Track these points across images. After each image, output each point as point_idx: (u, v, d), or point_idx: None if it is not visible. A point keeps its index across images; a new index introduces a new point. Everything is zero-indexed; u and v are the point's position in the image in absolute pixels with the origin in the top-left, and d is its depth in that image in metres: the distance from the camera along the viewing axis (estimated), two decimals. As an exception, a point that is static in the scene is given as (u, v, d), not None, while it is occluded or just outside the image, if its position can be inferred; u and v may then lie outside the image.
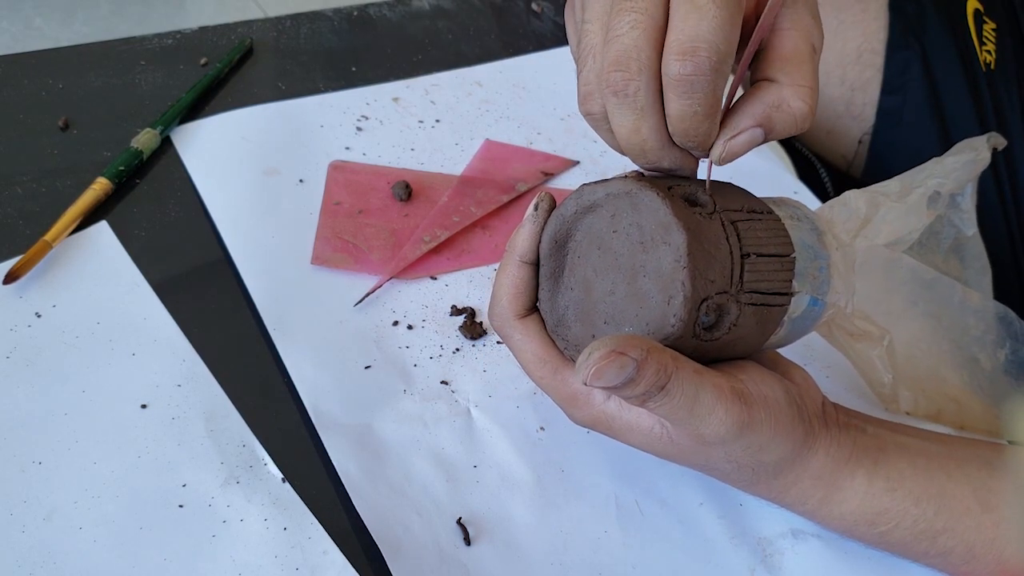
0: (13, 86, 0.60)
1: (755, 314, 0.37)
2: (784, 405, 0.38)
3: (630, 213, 0.36)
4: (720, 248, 0.35)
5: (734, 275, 0.36)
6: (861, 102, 0.69)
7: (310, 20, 0.71)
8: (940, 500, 0.39)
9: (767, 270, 0.37)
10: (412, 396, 0.47)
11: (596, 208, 0.37)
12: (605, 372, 0.33)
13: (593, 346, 0.33)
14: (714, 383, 0.35)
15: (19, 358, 0.45)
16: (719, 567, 0.42)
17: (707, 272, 0.35)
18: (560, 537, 0.42)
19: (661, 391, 0.34)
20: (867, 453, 0.40)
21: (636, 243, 0.36)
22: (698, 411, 0.35)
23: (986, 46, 0.66)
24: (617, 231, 0.37)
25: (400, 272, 0.53)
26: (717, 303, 0.35)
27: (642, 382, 0.33)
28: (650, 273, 0.35)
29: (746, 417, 0.36)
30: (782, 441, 0.37)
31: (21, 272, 0.48)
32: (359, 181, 0.58)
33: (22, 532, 0.39)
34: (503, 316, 0.40)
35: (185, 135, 0.59)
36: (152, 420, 0.44)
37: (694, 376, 0.35)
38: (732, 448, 0.37)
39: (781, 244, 0.38)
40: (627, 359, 0.33)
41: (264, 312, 0.49)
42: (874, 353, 0.47)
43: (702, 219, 0.36)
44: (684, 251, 0.34)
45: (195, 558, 0.39)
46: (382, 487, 0.43)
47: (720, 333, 0.36)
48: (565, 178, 0.62)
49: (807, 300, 0.39)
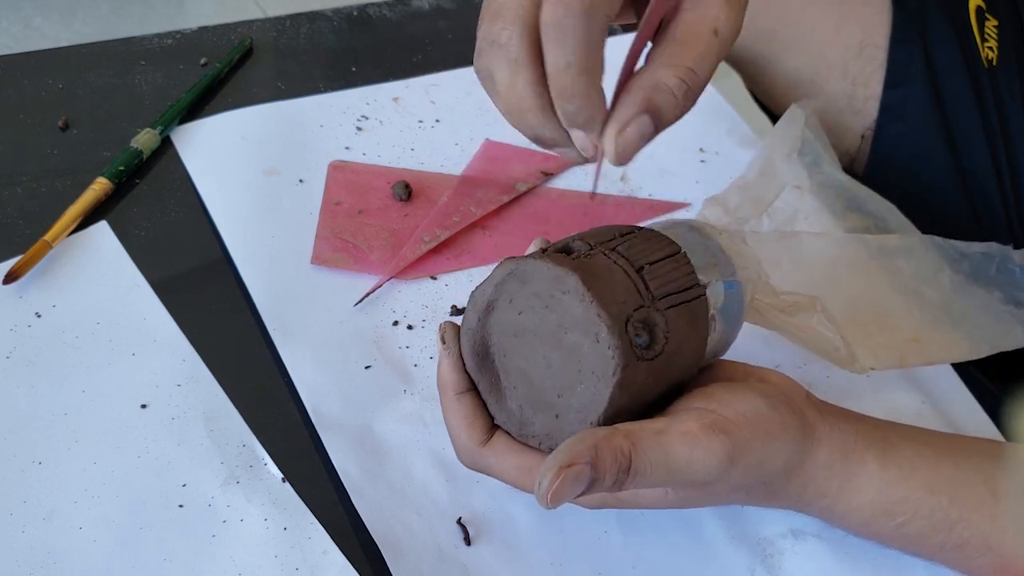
0: (13, 86, 0.60)
1: (680, 315, 0.37)
2: (767, 411, 0.37)
3: (522, 288, 0.37)
4: (614, 272, 0.36)
5: (640, 289, 0.36)
6: (863, 96, 0.69)
7: (310, 20, 0.71)
8: (953, 489, 0.39)
9: (667, 271, 0.37)
10: (412, 396, 0.47)
11: (493, 304, 0.38)
12: (563, 491, 0.32)
13: (542, 471, 0.32)
14: (681, 432, 0.35)
15: (19, 358, 0.45)
16: (719, 567, 0.42)
17: (614, 296, 0.35)
18: (560, 537, 0.42)
19: (628, 473, 0.33)
20: (873, 441, 0.40)
21: (542, 310, 0.36)
22: (676, 467, 0.34)
23: (988, 42, 0.66)
24: (522, 312, 0.37)
25: (400, 272, 0.53)
26: (640, 319, 0.36)
27: (606, 477, 0.33)
28: (568, 327, 0.36)
29: (729, 446, 0.35)
30: (780, 446, 0.37)
31: (21, 272, 0.48)
32: (359, 181, 0.58)
33: (22, 532, 0.39)
34: (469, 451, 0.38)
35: (185, 135, 0.59)
36: (152, 420, 0.44)
37: (656, 439, 0.34)
38: (732, 478, 0.36)
39: (665, 247, 0.39)
40: (578, 467, 0.32)
41: (264, 312, 0.49)
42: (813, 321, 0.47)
43: (584, 259, 0.37)
44: (582, 288, 0.35)
45: (195, 558, 0.39)
46: (382, 487, 0.43)
47: (660, 345, 0.36)
48: (565, 178, 0.62)
49: (722, 286, 0.40)
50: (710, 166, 0.64)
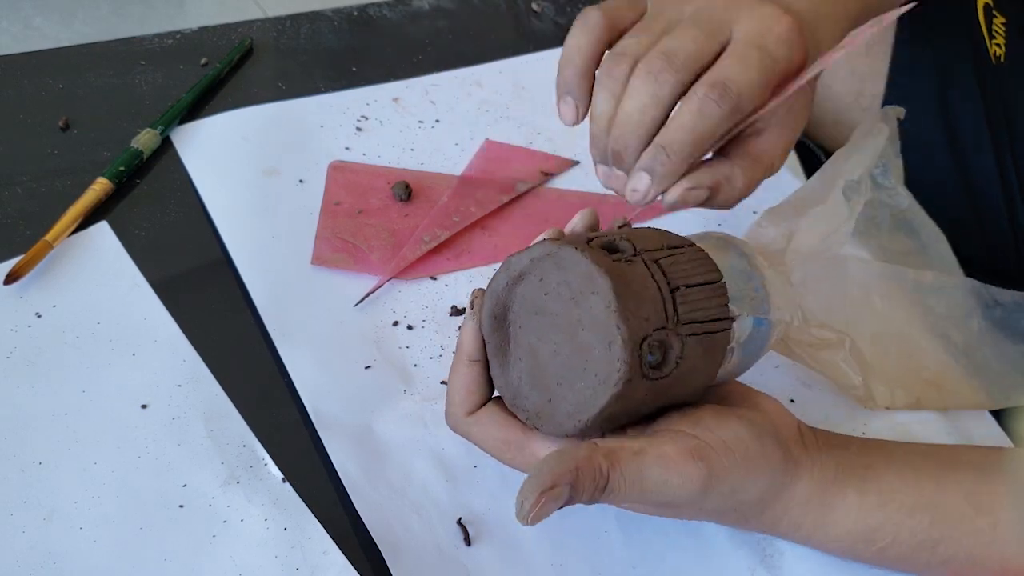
0: (13, 86, 0.60)
1: (699, 344, 0.37)
2: (750, 441, 0.37)
3: (556, 273, 0.37)
4: (648, 287, 0.36)
5: (668, 310, 0.36)
6: (870, 94, 0.69)
7: (310, 20, 0.71)
8: (933, 510, 0.39)
9: (700, 299, 0.37)
10: (412, 396, 0.47)
11: (524, 276, 0.38)
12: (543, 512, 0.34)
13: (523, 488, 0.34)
14: (658, 455, 0.35)
15: (19, 358, 0.45)
16: (719, 567, 0.42)
17: (639, 311, 0.35)
18: (560, 537, 0.42)
19: (604, 491, 0.35)
20: (853, 471, 0.40)
21: (568, 300, 0.36)
22: (649, 488, 0.35)
23: (996, 39, 0.66)
24: (548, 293, 0.37)
25: (400, 272, 0.53)
26: (658, 339, 0.36)
27: (582, 495, 0.34)
28: (587, 325, 0.36)
29: (704, 472, 0.36)
30: (757, 477, 0.37)
31: (21, 272, 0.48)
32: (359, 181, 0.58)
33: (22, 532, 0.39)
34: (456, 416, 0.40)
35: (185, 135, 0.59)
36: (152, 420, 0.44)
37: (634, 459, 0.35)
38: (705, 503, 0.37)
39: (708, 272, 0.38)
40: (558, 490, 0.33)
41: (264, 312, 0.49)
42: (839, 358, 0.47)
43: (624, 264, 0.36)
44: (612, 296, 0.35)
45: (195, 558, 0.39)
46: (382, 487, 0.43)
47: (669, 369, 0.36)
48: (565, 178, 0.62)
49: (751, 322, 0.39)
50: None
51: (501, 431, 0.39)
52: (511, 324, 0.39)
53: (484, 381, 0.40)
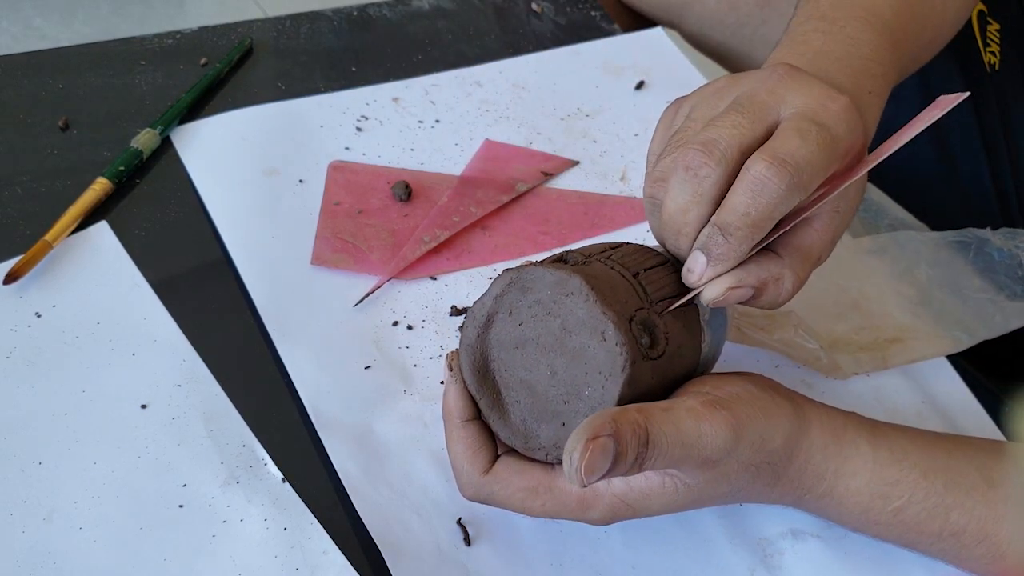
0: (13, 86, 0.60)
1: (677, 319, 0.38)
2: (759, 392, 0.38)
3: (523, 298, 0.37)
4: (612, 276, 0.37)
5: (638, 292, 0.37)
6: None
7: (310, 20, 0.71)
8: (947, 474, 0.39)
9: (659, 278, 0.38)
10: (412, 396, 0.47)
11: (493, 318, 0.38)
12: (595, 464, 0.32)
13: (567, 448, 0.33)
14: (686, 408, 0.35)
15: (19, 358, 0.45)
16: (719, 567, 0.42)
17: (616, 296, 0.36)
18: (560, 537, 0.42)
19: (647, 446, 0.34)
20: (863, 425, 0.40)
21: (544, 317, 0.36)
22: (688, 441, 0.35)
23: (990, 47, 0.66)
24: (523, 322, 0.37)
25: (400, 272, 0.53)
26: (641, 319, 0.36)
27: (628, 450, 0.33)
28: (572, 329, 0.36)
29: (732, 419, 0.36)
30: (778, 422, 0.38)
31: (21, 272, 0.48)
32: (359, 181, 0.58)
33: (22, 532, 0.39)
34: (472, 480, 0.38)
35: (185, 135, 0.59)
36: (152, 420, 0.44)
37: (665, 415, 0.35)
38: (740, 454, 0.36)
39: (655, 256, 0.39)
40: (603, 439, 0.32)
41: (264, 312, 0.49)
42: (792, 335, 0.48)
43: (583, 266, 0.37)
44: (587, 289, 0.35)
45: (195, 558, 0.39)
46: (382, 487, 0.43)
47: (662, 346, 0.37)
48: (565, 178, 0.62)
49: None
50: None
51: (523, 479, 0.37)
52: (495, 372, 0.38)
53: (486, 436, 0.38)
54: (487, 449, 0.38)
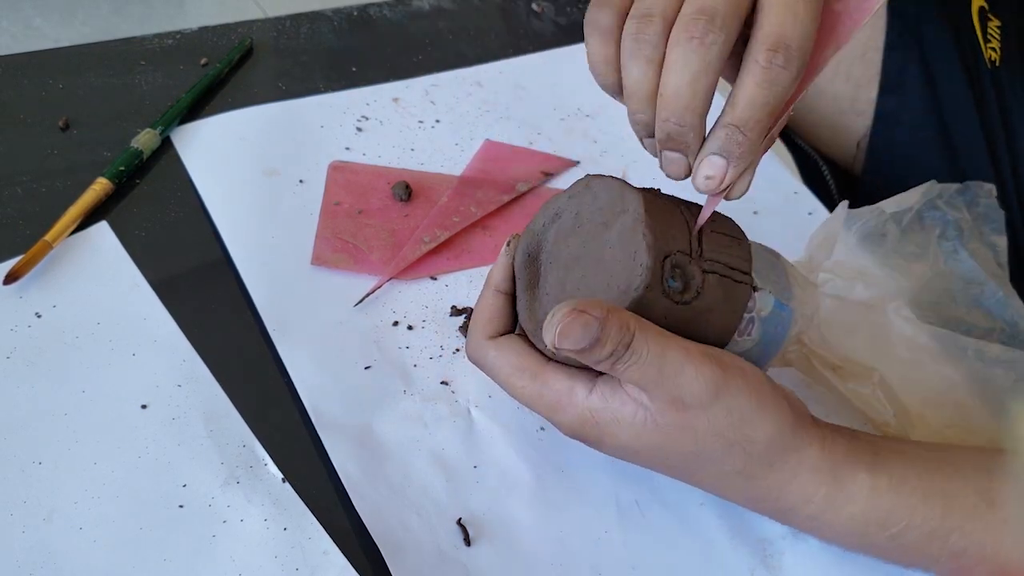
0: (13, 86, 0.60)
1: (720, 285, 0.38)
2: (766, 385, 0.38)
3: (591, 203, 0.38)
4: (675, 218, 0.37)
5: (692, 242, 0.37)
6: (865, 99, 0.69)
7: (310, 20, 0.71)
8: (946, 499, 0.39)
9: (724, 245, 0.38)
10: (412, 396, 0.47)
11: (561, 214, 0.40)
12: (570, 331, 0.34)
13: (555, 309, 0.34)
14: (680, 344, 0.36)
15: (19, 358, 0.45)
16: (719, 567, 0.42)
17: (665, 231, 0.36)
18: (560, 537, 0.42)
19: (627, 349, 0.35)
20: (864, 454, 0.40)
21: (599, 225, 0.38)
22: (668, 370, 0.35)
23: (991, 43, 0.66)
24: (581, 224, 0.39)
25: (400, 272, 0.53)
26: (679, 263, 0.37)
27: (608, 341, 0.34)
28: (614, 243, 0.37)
29: (719, 376, 0.36)
30: (767, 416, 0.37)
31: (21, 272, 0.48)
32: (359, 181, 0.58)
33: (22, 532, 0.39)
34: (477, 340, 0.41)
35: (185, 135, 0.59)
36: (152, 420, 0.44)
37: (659, 336, 0.36)
38: (714, 413, 0.36)
39: (734, 229, 0.39)
40: (589, 317, 0.34)
41: (264, 312, 0.49)
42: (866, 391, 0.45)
43: (656, 197, 0.38)
44: (642, 209, 0.36)
45: (195, 558, 0.39)
46: (382, 487, 0.43)
47: (689, 296, 0.37)
48: (565, 178, 0.62)
49: (772, 301, 0.40)
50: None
51: (518, 358, 0.39)
52: (543, 263, 0.40)
53: (508, 313, 0.41)
54: (503, 321, 0.41)
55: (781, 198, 0.63)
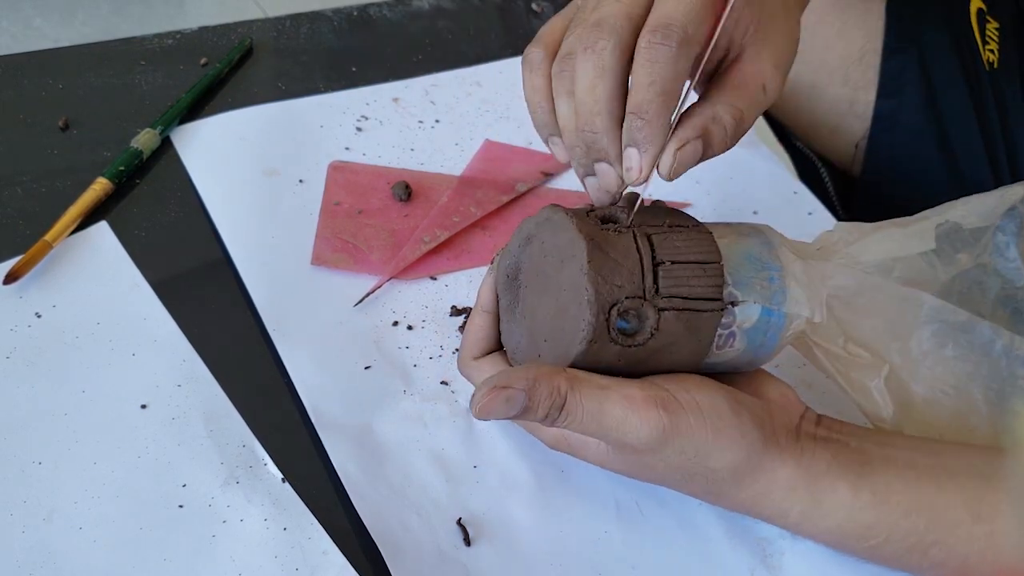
0: (13, 86, 0.60)
1: (679, 319, 0.37)
2: (726, 411, 0.38)
3: (551, 237, 0.39)
4: (628, 257, 0.37)
5: (646, 281, 0.37)
6: (864, 101, 0.69)
7: (310, 20, 0.71)
8: (931, 513, 0.39)
9: (686, 276, 0.38)
10: (412, 396, 0.47)
11: (532, 239, 0.40)
12: (492, 407, 0.35)
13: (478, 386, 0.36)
14: (623, 394, 0.36)
15: (19, 358, 0.45)
16: (719, 567, 0.42)
17: (612, 278, 0.36)
18: (560, 537, 0.42)
19: (561, 411, 0.36)
20: (849, 467, 0.39)
21: (557, 263, 0.38)
22: (607, 423, 0.36)
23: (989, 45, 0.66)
24: (546, 256, 0.39)
25: (400, 272, 0.53)
26: (629, 307, 0.37)
27: (538, 407, 0.36)
28: (566, 287, 0.37)
29: (664, 422, 0.36)
30: (728, 446, 0.37)
31: (21, 272, 0.48)
32: (359, 181, 0.58)
33: (22, 532, 0.39)
34: (463, 359, 0.44)
35: (185, 135, 0.59)
36: (152, 420, 0.44)
37: (596, 391, 0.36)
38: (666, 455, 0.37)
39: (702, 252, 0.39)
40: (512, 391, 0.35)
41: (264, 312, 0.49)
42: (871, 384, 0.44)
43: (611, 233, 0.38)
44: (585, 260, 0.36)
45: (195, 558, 0.39)
46: (382, 487, 0.43)
47: (643, 338, 0.37)
48: (565, 178, 0.62)
49: (758, 310, 0.39)
50: (710, 166, 0.64)
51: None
52: (520, 285, 0.41)
53: (492, 332, 0.43)
54: (488, 342, 0.43)
55: (781, 198, 0.63)
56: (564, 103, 0.38)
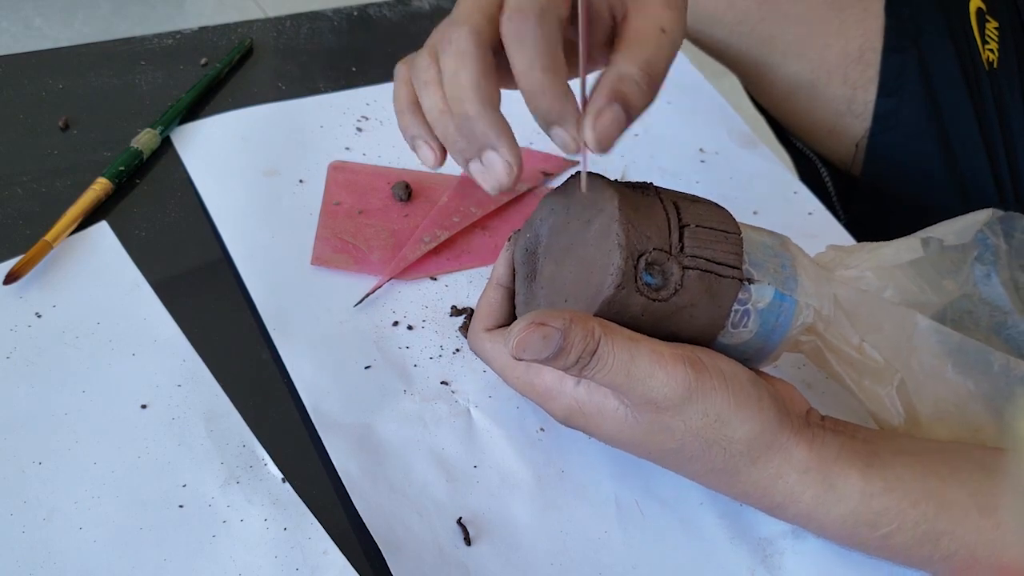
0: (13, 86, 0.60)
1: (702, 280, 0.38)
2: (747, 384, 0.38)
3: (578, 199, 0.39)
4: (656, 215, 0.38)
5: (672, 238, 0.38)
6: (863, 101, 0.70)
7: (310, 20, 0.71)
8: (939, 503, 0.39)
9: (709, 240, 0.38)
10: (412, 396, 0.47)
11: (555, 209, 0.40)
12: (528, 343, 0.35)
13: (517, 321, 0.35)
14: (651, 348, 0.36)
15: (19, 358, 0.45)
16: (719, 567, 0.42)
17: (642, 229, 0.37)
18: (560, 537, 0.42)
19: (593, 356, 0.36)
20: (858, 455, 0.40)
21: (584, 222, 0.38)
22: (636, 374, 0.36)
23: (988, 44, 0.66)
24: (570, 220, 0.39)
25: (400, 273, 0.53)
26: (656, 259, 0.37)
27: (572, 349, 0.35)
28: (593, 241, 0.38)
29: (691, 378, 0.36)
30: (747, 416, 0.37)
31: (21, 272, 0.48)
32: (359, 181, 0.58)
33: (22, 532, 0.39)
34: (475, 332, 0.43)
35: (185, 135, 0.59)
36: (152, 420, 0.44)
37: (627, 341, 0.36)
38: (689, 415, 0.37)
39: (724, 222, 0.39)
40: (549, 328, 0.35)
41: (264, 312, 0.49)
42: (883, 391, 0.44)
43: (640, 195, 0.38)
44: (616, 210, 0.37)
45: (195, 558, 0.39)
46: (382, 487, 0.43)
47: (667, 293, 0.37)
48: (565, 178, 0.62)
49: (772, 292, 0.40)
50: (710, 166, 0.64)
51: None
52: (539, 257, 0.41)
53: (507, 306, 0.43)
54: (501, 314, 0.43)
55: (781, 198, 0.63)
56: (426, 95, 0.38)
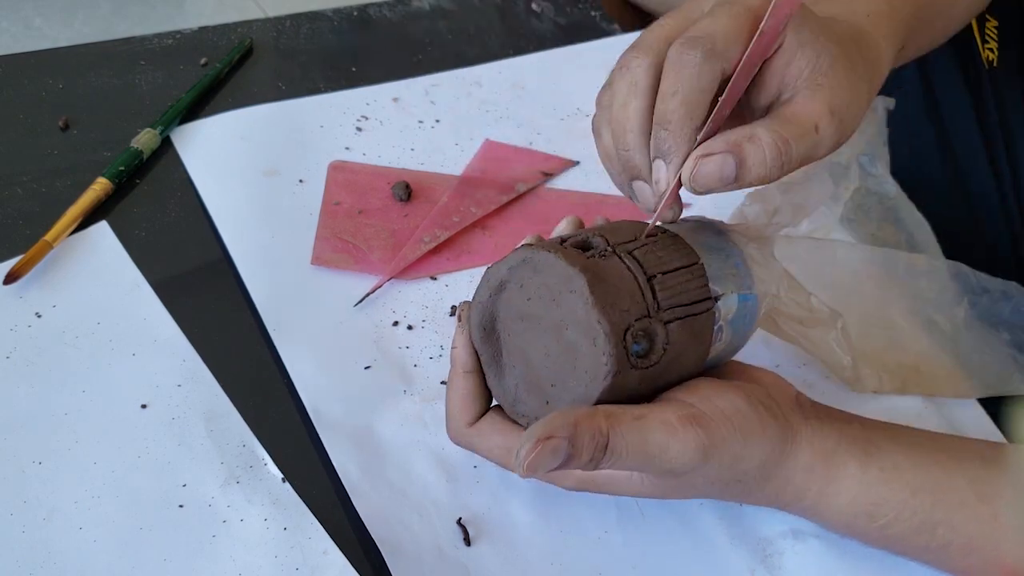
0: (13, 86, 0.60)
1: (684, 328, 0.37)
2: (747, 411, 0.38)
3: (534, 277, 0.37)
4: (624, 279, 0.37)
5: (647, 299, 0.37)
6: None
7: (310, 20, 0.71)
8: (936, 491, 0.39)
9: (678, 283, 0.38)
10: (412, 396, 0.47)
11: (505, 285, 0.39)
12: (539, 461, 0.33)
13: (521, 441, 0.34)
14: (660, 420, 0.36)
15: (19, 358, 0.45)
16: (719, 567, 0.42)
17: (618, 304, 0.36)
18: (560, 537, 0.42)
19: (605, 451, 0.34)
20: (856, 443, 0.40)
21: (549, 302, 0.37)
22: (652, 453, 0.35)
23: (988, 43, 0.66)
24: (530, 298, 0.38)
25: (400, 272, 0.53)
26: (641, 329, 0.36)
27: (583, 453, 0.34)
28: (570, 324, 0.36)
29: (705, 440, 0.36)
30: (756, 446, 0.38)
31: (21, 272, 0.48)
32: (359, 181, 0.58)
33: (22, 532, 0.39)
34: (458, 429, 0.40)
35: (185, 135, 0.59)
36: (152, 420, 0.44)
37: (636, 424, 0.35)
38: (706, 471, 0.37)
39: (683, 257, 0.39)
40: (556, 440, 0.33)
41: (264, 312, 0.49)
42: (830, 337, 0.47)
43: (599, 260, 0.37)
44: (588, 293, 0.35)
45: (195, 558, 0.39)
46: (382, 487, 0.43)
47: (657, 356, 0.37)
48: (565, 178, 0.62)
49: (736, 299, 0.40)
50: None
51: (503, 438, 0.39)
52: (500, 333, 0.39)
53: (481, 391, 0.40)
54: (479, 403, 0.40)
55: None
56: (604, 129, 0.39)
